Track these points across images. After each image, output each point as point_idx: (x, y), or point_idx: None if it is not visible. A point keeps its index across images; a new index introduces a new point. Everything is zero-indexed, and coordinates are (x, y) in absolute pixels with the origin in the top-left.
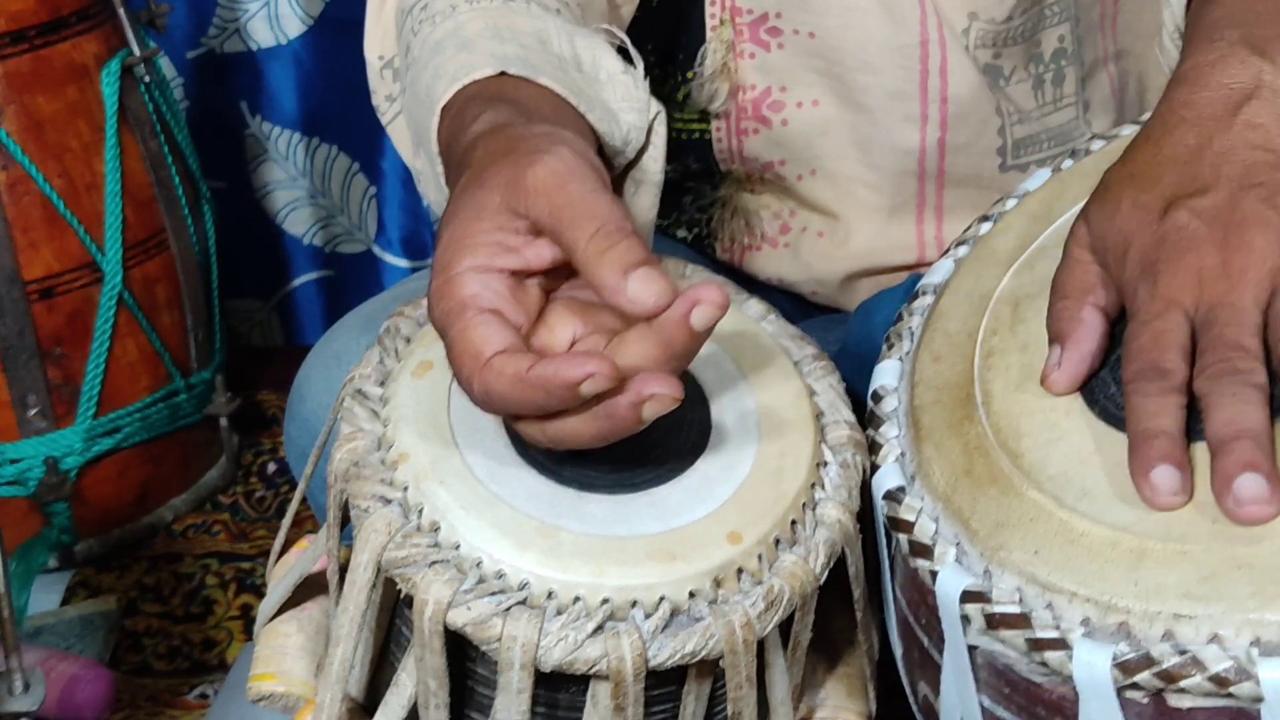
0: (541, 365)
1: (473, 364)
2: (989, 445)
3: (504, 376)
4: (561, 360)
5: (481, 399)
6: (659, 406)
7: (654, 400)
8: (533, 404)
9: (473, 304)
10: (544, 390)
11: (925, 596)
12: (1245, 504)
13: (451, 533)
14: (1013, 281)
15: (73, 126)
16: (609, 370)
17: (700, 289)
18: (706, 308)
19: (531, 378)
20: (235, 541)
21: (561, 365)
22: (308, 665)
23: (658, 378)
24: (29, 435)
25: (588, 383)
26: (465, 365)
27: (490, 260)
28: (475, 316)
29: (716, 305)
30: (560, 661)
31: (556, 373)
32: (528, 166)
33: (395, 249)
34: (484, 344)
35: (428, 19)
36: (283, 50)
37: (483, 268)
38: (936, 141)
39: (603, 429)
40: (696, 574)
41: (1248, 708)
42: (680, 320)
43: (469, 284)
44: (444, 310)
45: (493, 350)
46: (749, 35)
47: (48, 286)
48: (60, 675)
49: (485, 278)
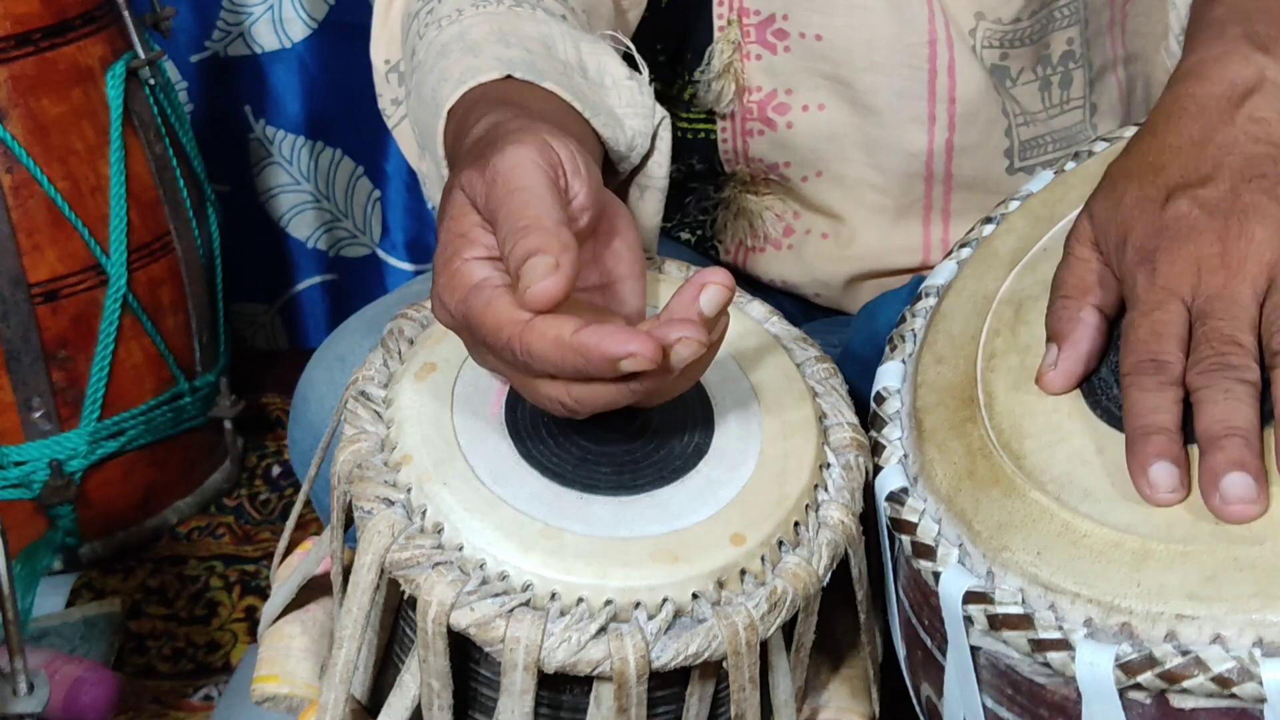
0: (586, 332)
1: (513, 327)
2: (991, 447)
3: (546, 338)
4: (607, 332)
5: (523, 358)
6: (689, 350)
7: (683, 343)
8: (571, 368)
9: (487, 284)
10: (584, 358)
11: (928, 598)
12: (1231, 502)
13: (455, 534)
14: (1015, 283)
15: (78, 129)
16: (651, 353)
17: (705, 271)
18: (714, 289)
19: (575, 342)
20: (240, 544)
21: (606, 337)
22: (312, 667)
23: (681, 323)
24: (33, 438)
25: (628, 361)
26: (504, 329)
27: (490, 250)
28: (494, 292)
29: (724, 285)
30: (564, 663)
31: (599, 344)
32: (480, 169)
33: (399, 253)
34: (515, 311)
35: (434, 23)
36: (287, 54)
37: (485, 257)
38: (944, 143)
39: (633, 394)
40: (700, 575)
41: (1250, 708)
42: (689, 303)
43: (476, 271)
44: (458, 299)
45: (527, 315)
46: (756, 36)
47: (52, 289)
48: (65, 677)
49: (489, 265)
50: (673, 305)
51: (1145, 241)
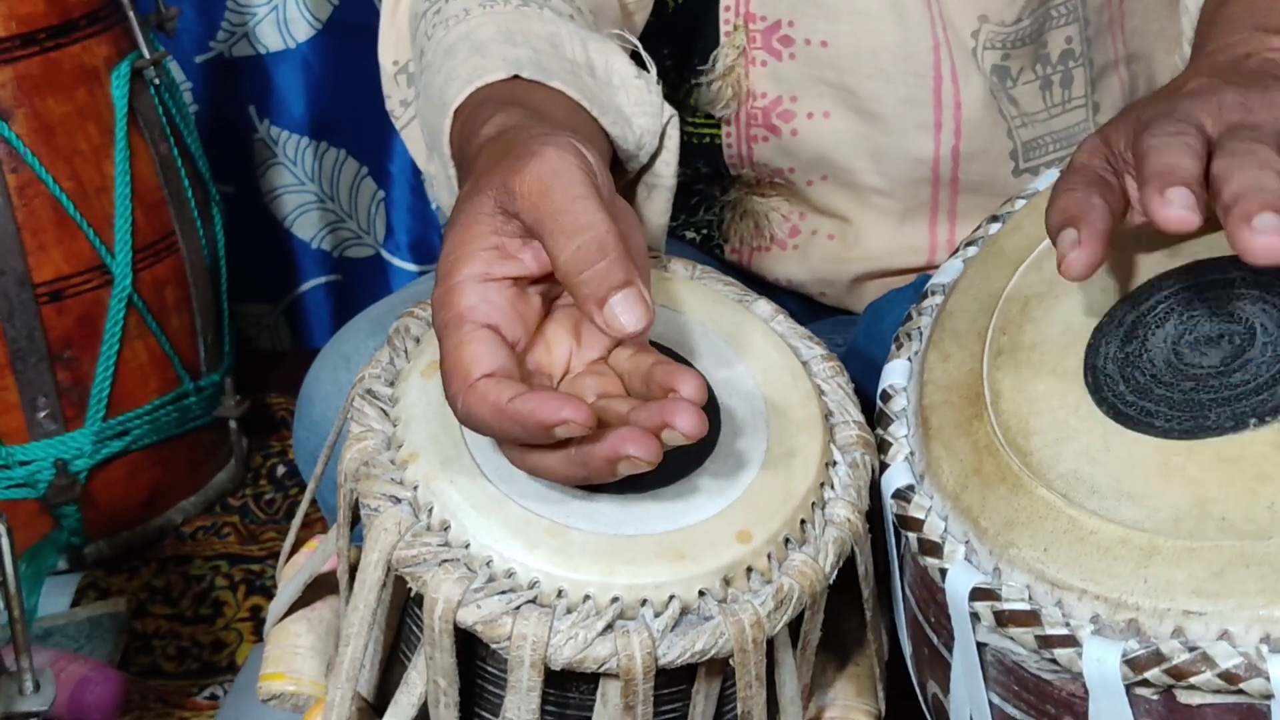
0: (521, 400)
1: (460, 383)
2: (998, 444)
3: (485, 403)
4: (541, 399)
5: (464, 419)
6: (632, 468)
7: (628, 461)
8: (509, 435)
9: (470, 317)
10: (520, 425)
11: (935, 594)
12: (1262, 233)
13: (461, 531)
14: (1021, 280)
15: (82, 129)
16: (584, 419)
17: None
18: (677, 435)
19: (510, 410)
20: (245, 543)
21: (540, 404)
22: (318, 665)
23: (637, 439)
24: (39, 438)
25: (561, 428)
26: (453, 383)
27: (489, 269)
28: (471, 332)
29: (687, 437)
30: (570, 660)
31: (534, 411)
32: (515, 172)
33: (403, 253)
34: (473, 363)
35: (441, 23)
36: (291, 54)
37: (483, 276)
38: (951, 150)
39: (577, 473)
40: (706, 573)
41: (1258, 704)
42: (655, 426)
43: (468, 294)
44: (442, 321)
45: (481, 372)
46: (761, 42)
47: (57, 289)
48: (70, 677)
49: (485, 288)
50: (639, 418)
51: (1163, 106)
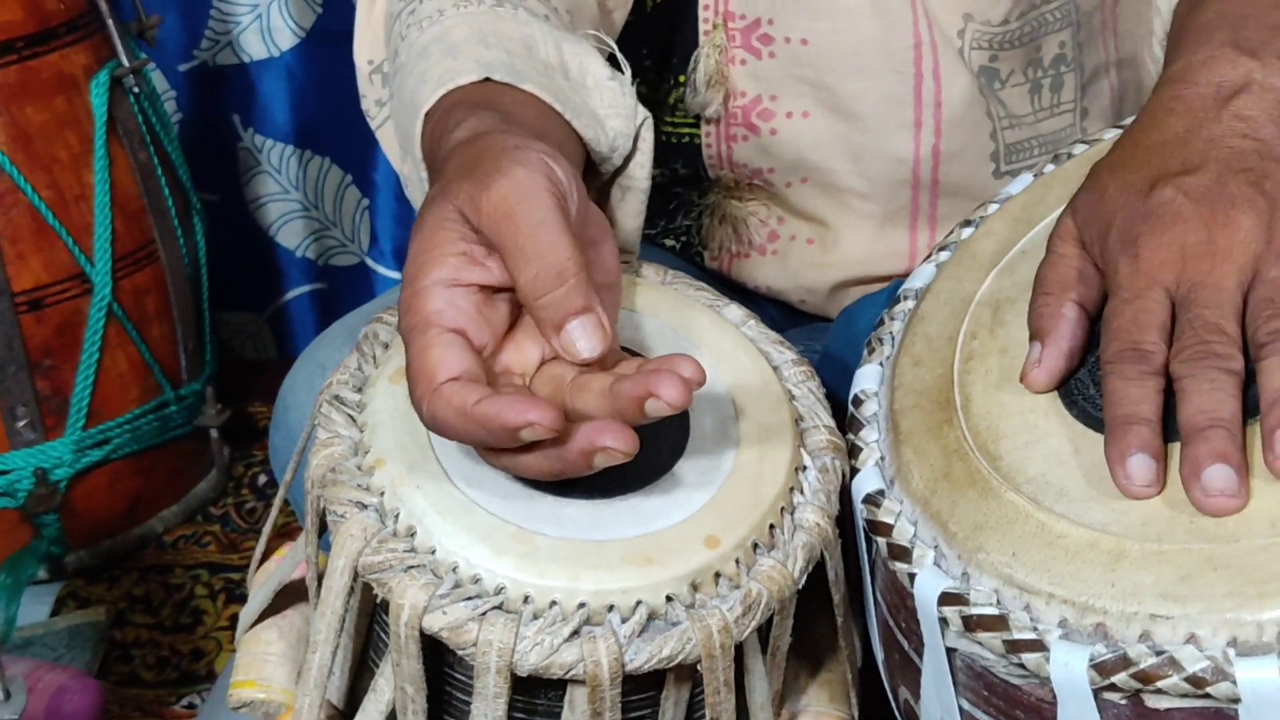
0: (486, 403)
1: (425, 387)
2: (968, 448)
3: (450, 406)
4: (507, 402)
5: (429, 424)
6: (609, 459)
7: (605, 453)
8: (475, 439)
9: (436, 321)
10: (485, 429)
11: (904, 599)
12: (1213, 495)
13: (428, 537)
14: (993, 285)
15: (61, 138)
16: (550, 421)
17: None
18: (661, 404)
19: (475, 413)
20: (225, 552)
21: (505, 408)
22: (288, 672)
23: (612, 430)
24: (18, 446)
25: (527, 430)
26: (419, 387)
27: (457, 274)
28: (437, 336)
29: (672, 406)
30: (536, 666)
31: (499, 414)
32: (483, 188)
33: (388, 261)
34: (438, 367)
35: (415, 23)
36: (275, 63)
37: (450, 281)
38: (931, 149)
39: (553, 468)
40: (673, 578)
41: (1225, 708)
42: (635, 400)
43: (435, 299)
44: (408, 325)
45: (446, 376)
46: (741, 41)
47: (36, 298)
48: (48, 686)
49: (452, 293)
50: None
51: (1128, 228)
